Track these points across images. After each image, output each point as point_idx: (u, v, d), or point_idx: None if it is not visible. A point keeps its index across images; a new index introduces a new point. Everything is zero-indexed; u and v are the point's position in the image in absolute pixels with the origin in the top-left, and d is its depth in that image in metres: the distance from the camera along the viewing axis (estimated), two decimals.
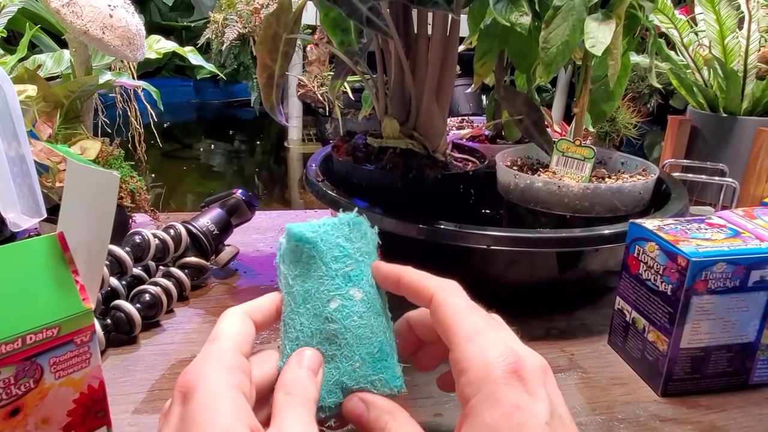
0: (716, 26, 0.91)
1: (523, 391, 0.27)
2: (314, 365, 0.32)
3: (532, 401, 0.26)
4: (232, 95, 3.68)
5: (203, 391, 0.27)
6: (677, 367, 0.45)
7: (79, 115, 0.69)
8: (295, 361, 0.32)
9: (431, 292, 0.31)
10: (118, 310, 0.51)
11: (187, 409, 0.27)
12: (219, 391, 0.27)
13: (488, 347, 0.28)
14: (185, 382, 0.28)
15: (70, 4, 0.61)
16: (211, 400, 0.27)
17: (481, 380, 0.27)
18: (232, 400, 0.27)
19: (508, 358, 0.27)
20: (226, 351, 0.30)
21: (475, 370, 0.27)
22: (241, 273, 0.65)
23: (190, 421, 0.26)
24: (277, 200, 2.22)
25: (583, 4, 0.55)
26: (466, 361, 0.28)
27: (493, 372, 0.27)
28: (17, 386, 0.31)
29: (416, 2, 0.46)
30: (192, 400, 0.27)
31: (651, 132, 2.26)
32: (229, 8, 2.46)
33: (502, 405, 0.26)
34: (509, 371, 0.27)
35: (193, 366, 0.29)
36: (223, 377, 0.28)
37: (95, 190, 0.40)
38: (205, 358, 0.29)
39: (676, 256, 0.43)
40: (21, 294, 0.32)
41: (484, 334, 0.29)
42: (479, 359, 0.28)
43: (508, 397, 0.26)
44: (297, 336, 0.33)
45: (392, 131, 0.59)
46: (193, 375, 0.28)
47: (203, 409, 0.26)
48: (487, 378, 0.27)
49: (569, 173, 0.62)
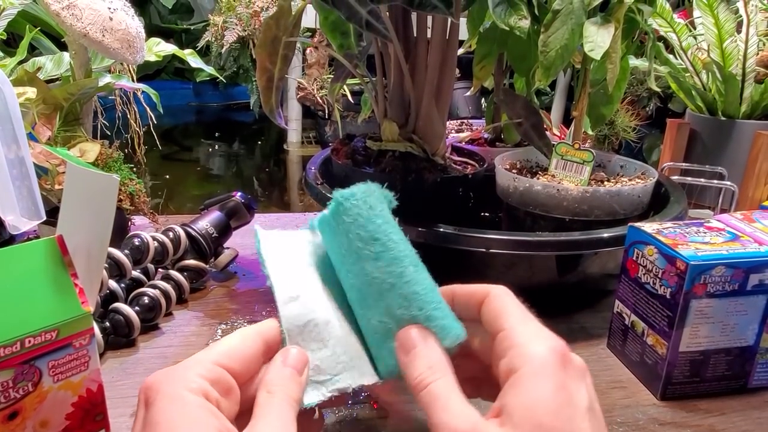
0: (715, 30, 0.91)
1: (568, 375, 0.28)
2: (299, 364, 0.31)
3: (575, 385, 0.28)
4: (231, 98, 3.68)
5: (165, 395, 0.27)
6: (676, 371, 0.45)
7: (78, 118, 0.69)
8: (279, 360, 0.31)
9: (487, 290, 0.33)
10: (117, 313, 0.50)
11: (150, 414, 0.26)
12: (182, 395, 0.27)
13: (541, 331, 0.30)
14: (149, 385, 0.27)
15: (70, 6, 0.61)
16: (173, 404, 0.26)
17: (532, 354, 0.28)
18: (197, 405, 0.26)
19: (560, 345, 0.29)
20: (202, 360, 0.29)
21: (528, 346, 0.29)
22: (240, 276, 0.65)
23: (153, 427, 0.26)
24: (276, 203, 2.22)
25: (582, 7, 0.55)
26: (520, 336, 0.29)
27: (545, 351, 0.28)
28: (16, 389, 0.31)
29: (416, 5, 0.46)
30: (154, 404, 0.26)
31: (650, 135, 2.26)
32: (229, 11, 2.46)
33: (552, 381, 0.27)
34: (560, 355, 0.28)
35: (159, 371, 0.28)
36: (188, 382, 0.27)
37: (94, 193, 0.40)
38: (178, 364, 0.29)
39: (675, 259, 0.43)
40: (20, 297, 0.32)
41: (536, 323, 0.31)
42: (533, 338, 0.29)
43: (559, 375, 0.27)
44: None
45: (391, 134, 0.59)
46: (157, 379, 0.28)
47: (166, 413, 0.26)
48: (539, 354, 0.28)
49: (568, 176, 0.62)
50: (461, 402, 0.29)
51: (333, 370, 0.33)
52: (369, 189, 0.36)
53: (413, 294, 0.32)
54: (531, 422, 0.26)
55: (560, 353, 0.28)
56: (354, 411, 0.42)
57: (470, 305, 0.34)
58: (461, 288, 0.34)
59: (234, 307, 0.58)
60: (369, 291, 0.33)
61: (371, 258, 0.33)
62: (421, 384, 0.30)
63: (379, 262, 0.33)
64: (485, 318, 0.32)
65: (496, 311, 0.32)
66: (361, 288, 0.34)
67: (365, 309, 0.34)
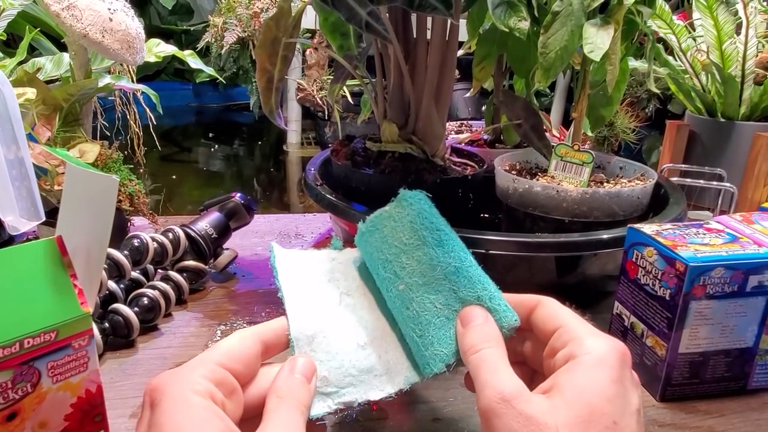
0: (714, 31, 0.91)
1: (627, 374, 0.29)
2: (307, 373, 0.31)
3: (631, 386, 0.28)
4: (231, 99, 3.68)
5: (171, 397, 0.27)
6: (676, 372, 0.45)
7: (78, 118, 0.69)
8: (287, 368, 0.31)
9: (538, 299, 0.34)
10: (116, 314, 0.50)
11: (155, 416, 0.26)
12: (187, 397, 0.27)
13: (601, 332, 0.30)
14: (154, 386, 0.28)
15: (70, 7, 0.61)
16: (179, 406, 0.26)
17: (594, 346, 0.29)
18: (203, 407, 0.27)
19: (622, 345, 0.30)
20: (205, 361, 0.29)
21: (590, 338, 0.29)
22: (240, 276, 0.65)
23: (158, 428, 0.26)
24: (275, 204, 2.22)
25: (581, 9, 0.55)
26: (581, 330, 0.30)
27: (607, 345, 0.29)
28: (14, 390, 0.31)
29: (415, 7, 0.46)
30: (160, 406, 0.27)
31: (649, 137, 2.27)
32: (229, 12, 2.46)
33: (611, 372, 0.28)
34: (621, 353, 0.29)
35: (165, 372, 0.29)
36: (193, 384, 0.27)
37: (94, 194, 0.40)
38: (182, 366, 0.29)
39: (674, 261, 0.43)
40: (19, 298, 0.32)
41: (593, 327, 0.31)
42: (594, 334, 0.30)
43: (617, 370, 0.28)
44: None
45: (391, 135, 0.59)
46: (163, 380, 0.28)
47: (171, 415, 0.26)
48: (601, 346, 0.29)
49: (568, 178, 0.62)
50: (509, 370, 0.29)
51: (340, 383, 0.33)
52: (423, 193, 0.40)
53: (477, 276, 0.35)
54: (582, 401, 0.26)
55: (622, 352, 0.29)
56: (353, 412, 0.42)
57: (519, 312, 0.34)
58: (510, 297, 0.35)
59: (233, 308, 0.58)
60: (433, 275, 0.35)
61: (436, 245, 0.36)
62: (473, 348, 0.31)
63: (445, 248, 0.36)
64: (539, 321, 0.33)
65: (552, 314, 0.32)
66: (425, 272, 0.35)
67: (428, 293, 0.35)
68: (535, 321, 0.33)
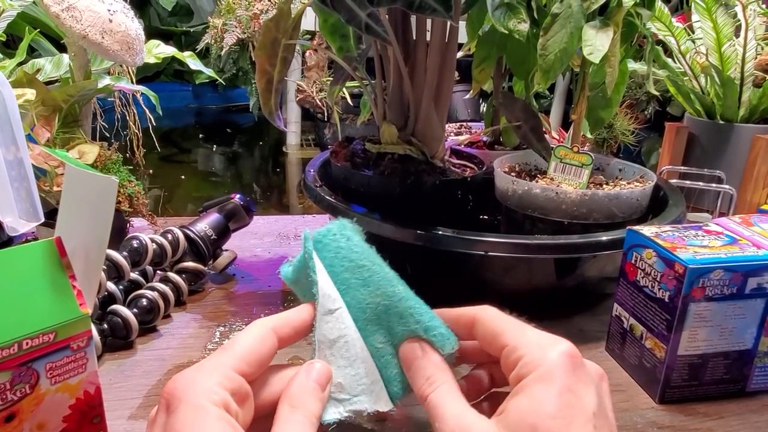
0: (713, 34, 0.91)
1: (576, 379, 0.27)
2: (322, 379, 0.31)
3: (584, 389, 0.27)
4: (230, 100, 3.68)
5: (187, 405, 0.27)
6: (675, 374, 0.45)
7: (77, 120, 0.69)
8: (304, 374, 0.31)
9: (473, 313, 0.33)
10: (115, 315, 0.50)
11: (171, 422, 0.26)
12: (204, 406, 0.27)
13: (543, 338, 0.30)
14: (171, 390, 0.28)
15: (70, 8, 0.61)
16: (195, 415, 0.26)
17: (538, 360, 0.28)
18: (218, 418, 0.26)
19: (567, 347, 0.29)
20: (222, 365, 0.29)
21: (533, 353, 0.28)
22: (239, 278, 0.65)
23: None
24: (275, 205, 2.22)
25: (581, 11, 0.56)
26: (525, 347, 0.29)
27: (551, 354, 0.28)
28: (13, 392, 0.31)
29: (415, 9, 0.46)
30: (176, 413, 0.27)
31: (648, 139, 2.27)
32: (229, 13, 2.47)
33: (556, 384, 0.27)
34: (568, 357, 0.28)
35: (182, 375, 0.28)
36: (210, 393, 0.27)
37: (93, 195, 0.40)
38: (198, 368, 0.29)
39: (673, 263, 0.43)
40: (18, 299, 0.32)
41: (535, 330, 0.30)
42: (536, 344, 0.29)
43: (563, 378, 0.27)
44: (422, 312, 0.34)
45: (390, 137, 0.59)
46: (180, 384, 0.28)
47: (187, 424, 0.26)
48: (545, 358, 0.28)
49: (567, 180, 0.62)
50: (456, 408, 0.29)
51: (354, 390, 0.33)
52: (342, 223, 0.37)
53: (408, 309, 0.33)
54: (525, 423, 0.26)
55: (568, 355, 0.28)
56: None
57: (459, 328, 0.34)
58: (446, 314, 0.34)
59: (232, 310, 0.58)
60: (366, 318, 0.34)
61: (361, 285, 0.34)
62: (422, 397, 0.31)
63: (371, 287, 0.34)
64: (482, 342, 0.32)
65: (492, 330, 0.31)
66: (358, 316, 0.34)
67: (368, 335, 0.34)
68: (477, 337, 0.33)
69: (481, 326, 0.32)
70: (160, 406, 0.28)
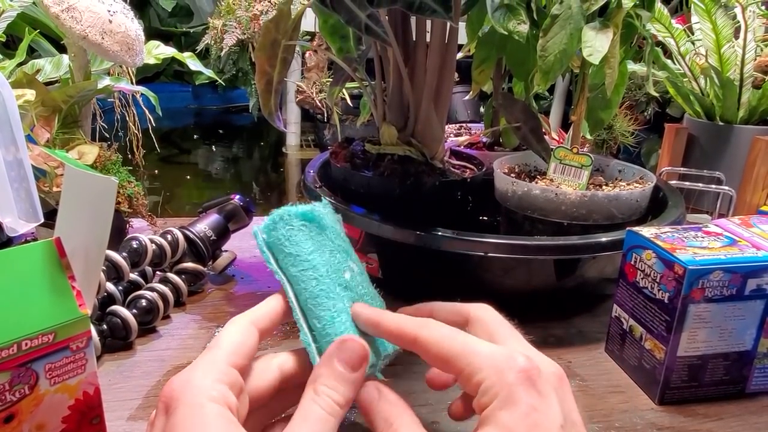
0: (713, 35, 0.91)
1: (537, 394, 0.27)
2: (354, 359, 0.30)
3: (546, 403, 0.27)
4: (230, 101, 3.68)
5: (186, 405, 0.27)
6: (674, 375, 0.45)
7: (77, 120, 0.69)
8: (332, 352, 0.30)
9: (415, 333, 0.31)
10: (115, 316, 0.50)
11: (170, 423, 0.26)
12: (203, 404, 0.27)
13: (497, 354, 0.28)
14: (169, 392, 0.27)
15: (70, 9, 0.61)
16: (194, 414, 0.26)
17: (496, 385, 0.27)
18: (218, 415, 0.26)
19: (520, 361, 0.28)
20: (216, 362, 0.29)
21: (491, 377, 0.28)
22: (238, 279, 0.65)
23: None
24: (274, 206, 2.19)
25: (580, 12, 0.56)
26: (480, 372, 0.28)
27: (507, 376, 0.27)
28: (12, 392, 0.31)
29: (415, 10, 0.46)
30: (175, 413, 0.26)
31: (648, 140, 2.27)
32: (228, 14, 2.47)
33: (519, 406, 0.26)
34: (523, 373, 0.27)
35: (178, 377, 0.28)
36: (208, 390, 0.27)
37: (93, 195, 0.40)
38: (193, 368, 0.29)
39: (673, 264, 0.43)
40: (17, 299, 0.32)
41: (483, 345, 0.29)
42: (492, 367, 0.28)
43: (524, 398, 0.27)
44: (330, 308, 0.33)
45: (390, 138, 0.59)
46: (178, 386, 0.28)
47: (186, 423, 0.26)
48: (502, 382, 0.27)
49: (567, 181, 0.62)
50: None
51: None
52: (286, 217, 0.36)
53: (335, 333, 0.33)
54: None
55: (524, 373, 0.27)
56: (351, 414, 0.42)
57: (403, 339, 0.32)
58: (389, 324, 0.33)
59: (232, 310, 0.58)
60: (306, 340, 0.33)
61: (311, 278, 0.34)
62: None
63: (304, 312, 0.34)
64: (435, 366, 0.31)
65: (443, 357, 0.30)
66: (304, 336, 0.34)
67: None
68: (428, 361, 0.31)
69: (432, 348, 0.30)
70: (158, 409, 0.28)
